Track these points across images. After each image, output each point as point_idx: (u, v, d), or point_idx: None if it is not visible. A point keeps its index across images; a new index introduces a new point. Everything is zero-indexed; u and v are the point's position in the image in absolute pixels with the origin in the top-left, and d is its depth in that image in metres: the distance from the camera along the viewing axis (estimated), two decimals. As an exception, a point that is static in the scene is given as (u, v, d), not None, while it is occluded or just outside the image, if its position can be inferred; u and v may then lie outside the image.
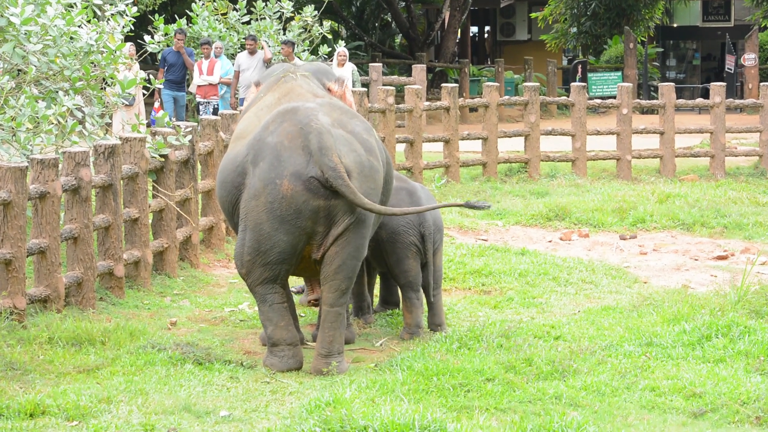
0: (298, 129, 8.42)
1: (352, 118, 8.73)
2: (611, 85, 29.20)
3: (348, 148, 8.46)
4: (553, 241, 14.44)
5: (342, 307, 8.60)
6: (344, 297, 8.60)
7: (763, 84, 21.14)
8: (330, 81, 9.64)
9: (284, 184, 8.32)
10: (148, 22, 20.04)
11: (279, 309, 8.55)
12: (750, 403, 7.62)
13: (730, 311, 9.62)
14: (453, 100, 18.82)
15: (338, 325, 8.59)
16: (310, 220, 8.36)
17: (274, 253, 8.43)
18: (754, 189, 18.51)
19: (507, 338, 9.17)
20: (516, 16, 41.38)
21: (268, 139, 8.49)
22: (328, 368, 8.50)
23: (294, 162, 8.34)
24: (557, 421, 7.00)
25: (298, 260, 8.56)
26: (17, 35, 10.85)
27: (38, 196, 9.45)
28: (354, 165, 8.43)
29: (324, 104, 8.74)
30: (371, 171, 8.54)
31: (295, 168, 8.33)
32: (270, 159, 8.40)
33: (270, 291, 8.54)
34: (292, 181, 8.31)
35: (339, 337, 8.61)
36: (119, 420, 7.15)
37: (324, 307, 8.63)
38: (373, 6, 36.93)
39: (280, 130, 8.47)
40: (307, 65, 9.84)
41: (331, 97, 9.26)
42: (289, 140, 8.41)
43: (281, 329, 8.54)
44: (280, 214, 8.34)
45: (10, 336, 8.78)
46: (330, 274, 8.52)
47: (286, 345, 8.53)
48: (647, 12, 32.81)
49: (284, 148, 8.38)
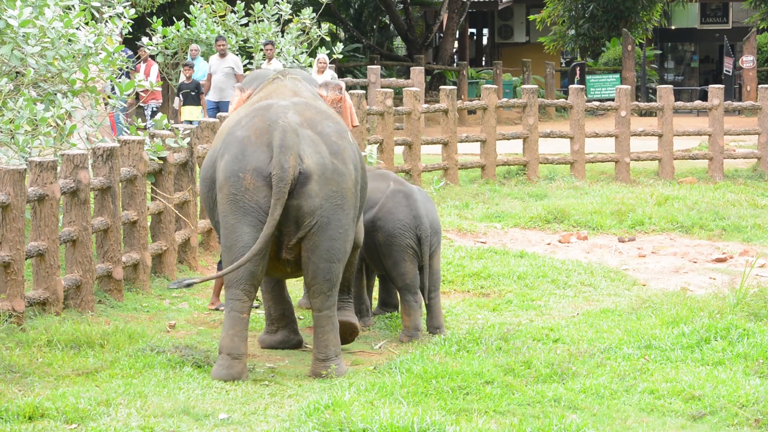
0: (266, 125, 8.42)
1: (325, 120, 8.63)
2: (609, 87, 29.21)
3: (313, 149, 8.40)
4: (551, 244, 14.44)
5: (330, 310, 8.56)
6: (330, 300, 8.55)
7: (762, 86, 21.16)
8: (316, 87, 9.63)
9: (247, 178, 8.33)
10: (146, 25, 20.02)
11: (234, 317, 8.41)
12: (749, 405, 7.62)
13: (729, 314, 9.62)
14: (451, 102, 18.81)
15: (331, 328, 8.57)
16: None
17: (238, 247, 8.38)
18: (753, 191, 18.52)
19: (506, 341, 9.17)
20: (514, 18, 41.39)
21: (237, 132, 8.54)
22: (326, 371, 8.49)
23: (257, 157, 8.34)
24: (556, 423, 7.00)
25: (264, 260, 8.43)
26: (15, 37, 10.85)
27: (37, 198, 9.45)
28: (316, 167, 8.36)
29: (299, 104, 8.67)
30: (334, 174, 8.43)
31: (258, 163, 8.33)
32: (235, 152, 8.44)
33: (232, 297, 8.44)
34: (254, 176, 8.31)
35: (334, 339, 8.60)
36: (118, 423, 7.14)
37: (313, 313, 8.63)
38: (371, 8, 36.93)
39: (250, 125, 8.50)
40: (294, 71, 9.81)
41: (317, 98, 9.20)
42: (256, 136, 8.42)
43: (228, 338, 8.41)
44: (243, 206, 8.34)
45: (9, 339, 8.77)
46: (309, 281, 8.53)
47: (226, 354, 8.40)
48: (645, 14, 32.81)
49: (250, 143, 8.40)
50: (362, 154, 9.14)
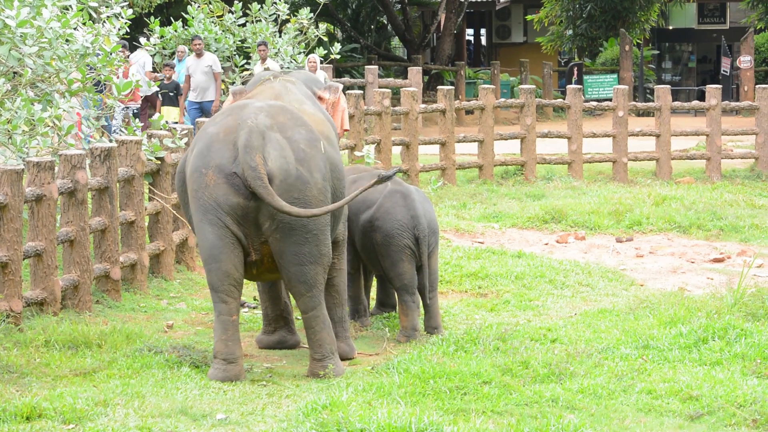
0: (236, 124, 8.37)
1: (297, 126, 8.48)
2: (607, 87, 29.22)
3: (278, 153, 8.29)
4: (549, 244, 14.45)
5: (317, 310, 8.50)
6: (312, 300, 8.48)
7: (759, 86, 21.18)
8: (319, 89, 9.61)
9: (209, 175, 8.30)
10: (143, 25, 20.01)
11: (223, 321, 8.37)
12: (746, 405, 7.63)
13: (727, 314, 9.62)
14: (449, 102, 18.82)
15: (322, 327, 8.53)
16: (230, 217, 8.26)
17: (205, 247, 8.39)
18: (750, 191, 18.54)
19: (503, 341, 9.18)
20: (512, 18, 41.37)
21: (209, 129, 8.53)
22: (324, 371, 8.49)
23: (221, 155, 8.30)
24: (554, 424, 7.01)
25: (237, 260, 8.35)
26: (13, 38, 10.84)
27: (34, 198, 9.44)
28: (278, 171, 8.26)
29: (274, 106, 8.58)
30: (297, 180, 8.30)
31: (221, 161, 8.29)
32: (201, 148, 8.43)
33: (216, 300, 8.42)
34: (216, 173, 8.27)
35: (327, 337, 8.56)
36: (116, 423, 7.14)
37: (302, 316, 8.62)
38: (368, 8, 36.93)
39: (221, 123, 8.47)
40: (296, 72, 9.80)
41: (309, 101, 9.16)
42: (224, 134, 8.37)
43: (221, 343, 8.37)
44: (203, 203, 8.31)
45: (7, 339, 8.77)
46: (285, 285, 8.49)
47: (222, 359, 8.38)
48: (643, 14, 32.81)
49: (217, 140, 8.36)
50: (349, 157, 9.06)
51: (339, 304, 9.19)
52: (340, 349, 9.07)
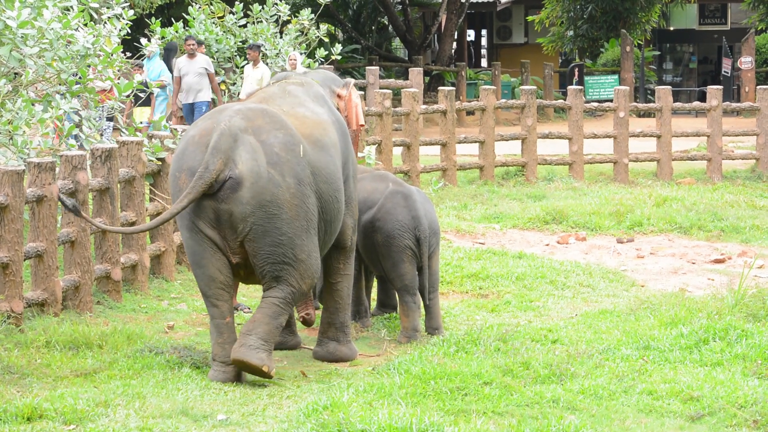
0: (211, 127, 8.34)
1: (276, 129, 8.36)
2: (608, 88, 29.23)
3: (249, 155, 8.20)
4: (550, 245, 14.45)
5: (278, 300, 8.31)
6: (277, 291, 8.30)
7: (760, 87, 21.18)
8: (338, 87, 9.60)
9: (182, 178, 8.29)
10: (144, 26, 20.01)
11: (217, 325, 8.35)
12: (747, 406, 7.63)
13: (728, 315, 9.62)
14: (450, 103, 18.82)
15: (270, 320, 8.29)
16: (202, 221, 8.22)
17: (189, 253, 8.40)
18: (751, 192, 18.54)
19: (504, 342, 9.18)
20: (512, 19, 41.38)
21: (190, 132, 8.54)
22: (239, 354, 8.18)
23: (193, 158, 8.27)
24: (555, 424, 7.01)
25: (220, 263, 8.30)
26: (14, 38, 10.85)
27: (35, 199, 9.45)
28: (248, 173, 8.17)
29: (254, 109, 8.47)
30: (268, 184, 8.19)
31: (192, 163, 8.25)
32: (178, 151, 8.46)
33: (207, 305, 8.42)
34: (188, 176, 8.24)
35: (266, 326, 8.26)
36: (117, 424, 7.15)
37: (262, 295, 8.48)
38: (369, 9, 36.94)
39: (201, 126, 8.46)
40: (313, 72, 9.77)
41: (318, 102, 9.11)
42: (200, 136, 8.34)
43: (218, 346, 8.36)
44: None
45: (8, 340, 8.77)
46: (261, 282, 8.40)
47: (219, 362, 8.35)
48: (644, 15, 32.83)
49: (193, 143, 8.34)
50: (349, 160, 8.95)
51: (341, 308, 9.15)
52: (342, 353, 9.07)
